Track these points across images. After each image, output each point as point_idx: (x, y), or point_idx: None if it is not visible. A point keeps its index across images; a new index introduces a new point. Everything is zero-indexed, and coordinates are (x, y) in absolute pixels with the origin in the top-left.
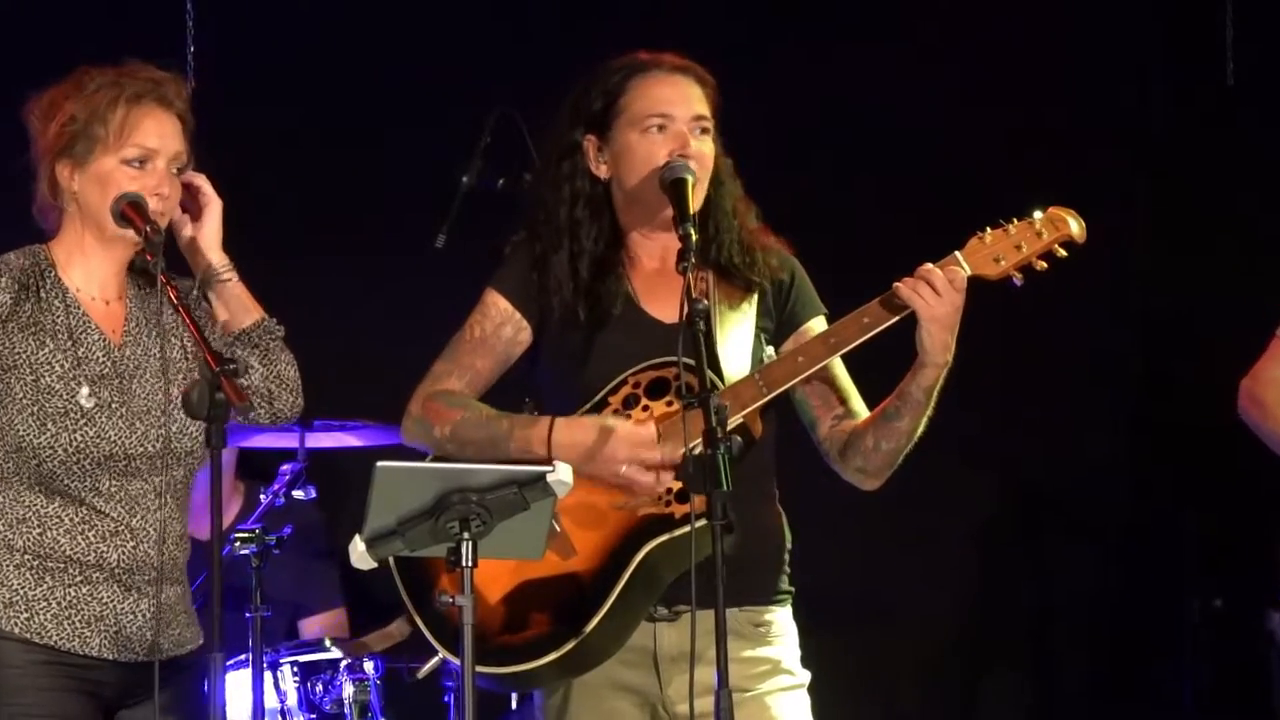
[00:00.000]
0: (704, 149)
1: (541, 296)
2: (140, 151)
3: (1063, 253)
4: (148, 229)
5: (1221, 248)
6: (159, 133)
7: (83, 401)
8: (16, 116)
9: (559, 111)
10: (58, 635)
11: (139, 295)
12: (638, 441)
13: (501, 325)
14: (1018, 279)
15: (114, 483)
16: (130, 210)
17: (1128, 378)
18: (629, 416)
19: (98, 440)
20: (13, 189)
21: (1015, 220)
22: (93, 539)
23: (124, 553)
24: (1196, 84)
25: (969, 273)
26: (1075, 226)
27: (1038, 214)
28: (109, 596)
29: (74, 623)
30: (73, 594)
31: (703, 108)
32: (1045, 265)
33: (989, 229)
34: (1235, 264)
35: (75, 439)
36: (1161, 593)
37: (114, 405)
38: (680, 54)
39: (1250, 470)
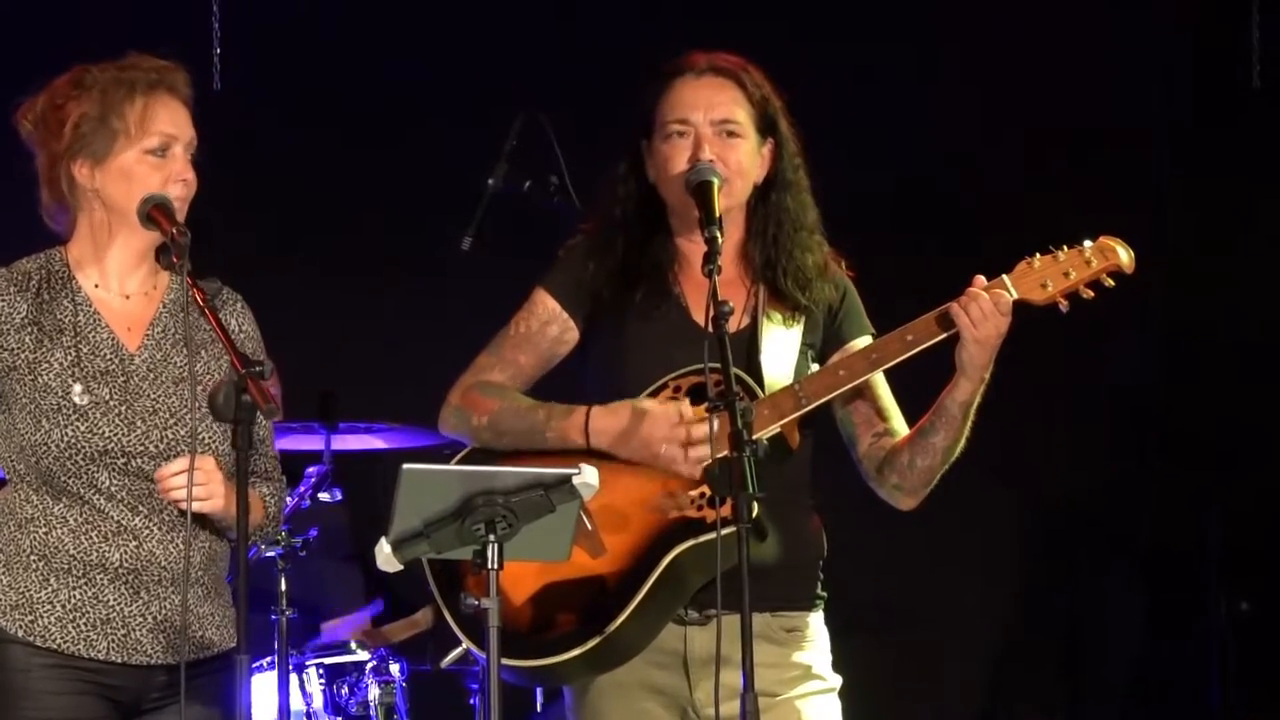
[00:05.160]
0: (729, 152)
1: (591, 295)
2: (161, 139)
3: (1110, 282)
4: (174, 231)
5: (1246, 250)
6: (173, 120)
7: (76, 398)
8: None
9: (629, 112)
10: (62, 638)
11: (178, 298)
12: (671, 420)
13: (548, 324)
14: (1064, 306)
15: (115, 481)
16: (157, 213)
17: (1151, 383)
18: None
19: (89, 435)
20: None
21: (1065, 247)
22: (95, 539)
23: (126, 553)
24: (1222, 85)
25: (1015, 297)
26: (1125, 256)
27: (1087, 242)
28: (116, 599)
29: (79, 625)
30: (77, 596)
31: (729, 110)
32: (1092, 294)
33: (1038, 254)
34: (1260, 267)
35: (67, 434)
36: (1188, 596)
37: (112, 403)
38: (728, 53)
39: (1275, 473)
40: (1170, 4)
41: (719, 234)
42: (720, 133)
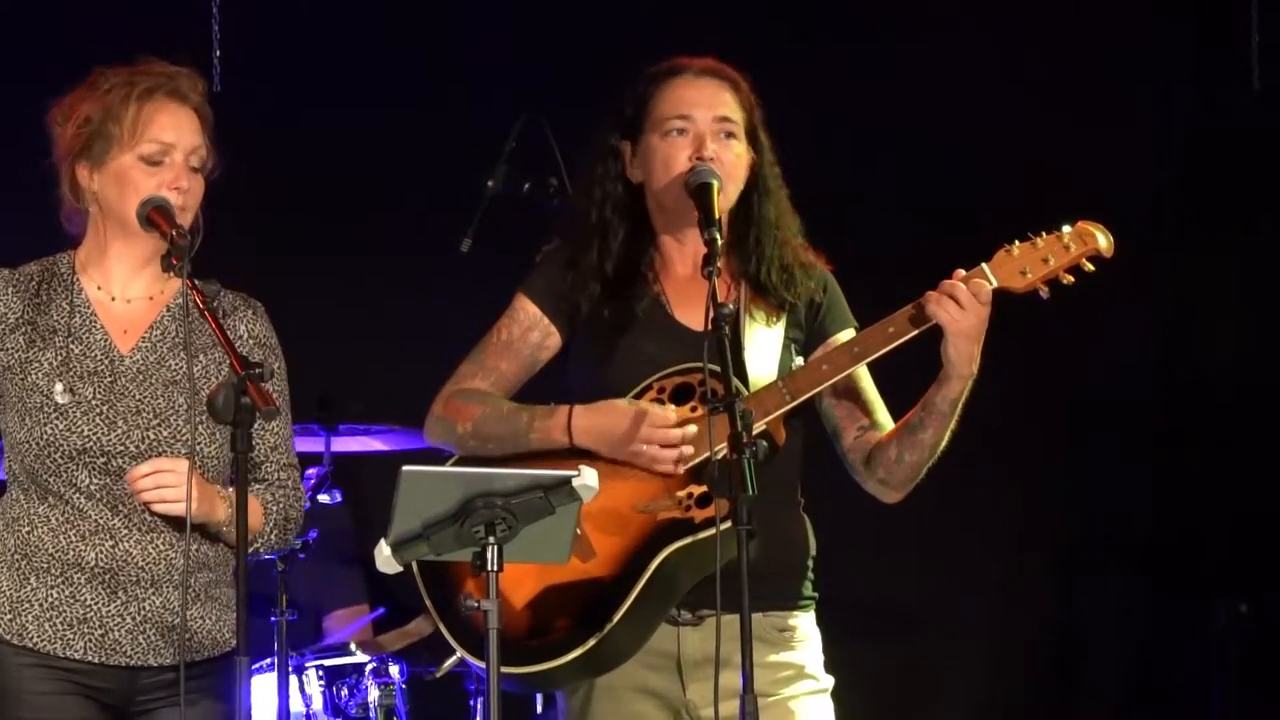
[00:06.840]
0: (725, 152)
1: (571, 300)
2: (157, 147)
3: (1090, 267)
4: (173, 233)
5: (1245, 250)
6: (174, 126)
7: (57, 397)
8: (40, 122)
9: (600, 117)
10: (39, 637)
11: (184, 304)
12: (655, 420)
13: (529, 330)
14: (1044, 292)
15: (95, 480)
16: (156, 214)
17: (1151, 383)
18: None
19: (68, 434)
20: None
21: (1043, 233)
22: (73, 538)
23: (102, 552)
24: (1222, 87)
25: (995, 285)
26: (1103, 241)
27: (1066, 228)
28: (93, 599)
29: (55, 625)
30: (54, 595)
31: (728, 110)
32: (1072, 279)
33: (1017, 241)
34: (1259, 267)
35: (46, 432)
36: (1188, 598)
37: (94, 402)
38: (716, 58)
39: (1274, 474)
40: (1171, 5)
41: (718, 235)
42: (719, 132)
